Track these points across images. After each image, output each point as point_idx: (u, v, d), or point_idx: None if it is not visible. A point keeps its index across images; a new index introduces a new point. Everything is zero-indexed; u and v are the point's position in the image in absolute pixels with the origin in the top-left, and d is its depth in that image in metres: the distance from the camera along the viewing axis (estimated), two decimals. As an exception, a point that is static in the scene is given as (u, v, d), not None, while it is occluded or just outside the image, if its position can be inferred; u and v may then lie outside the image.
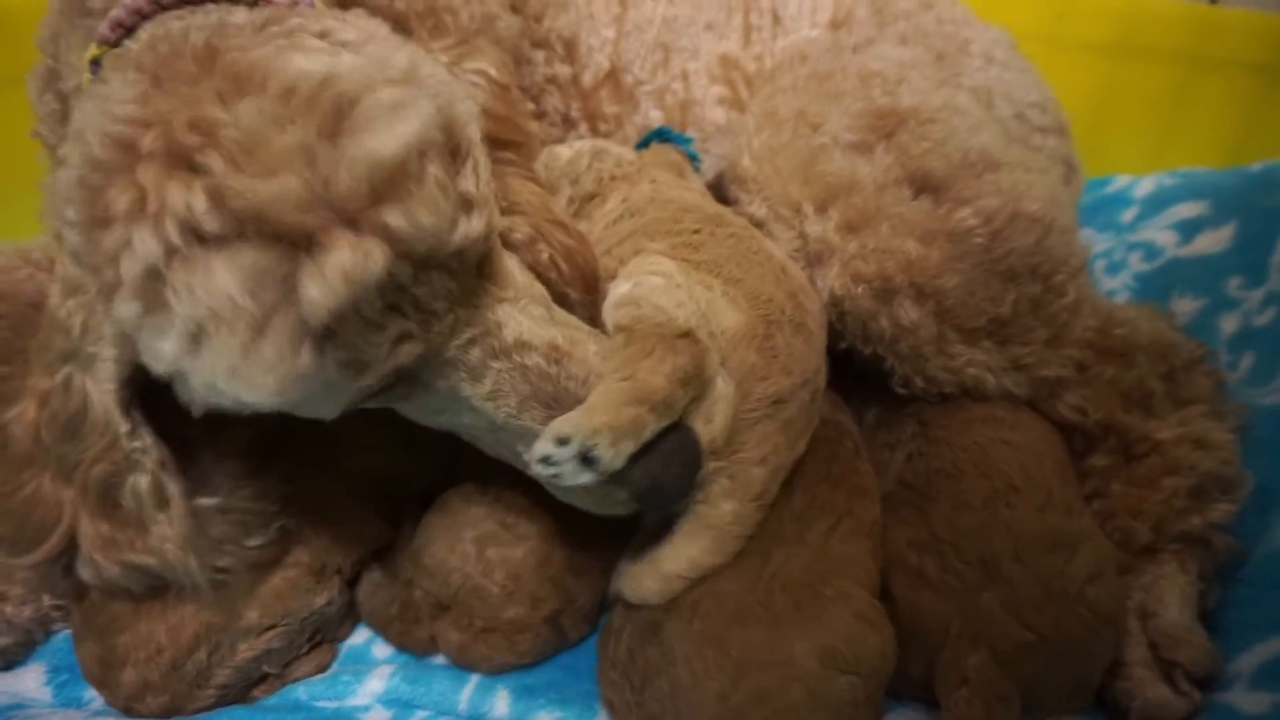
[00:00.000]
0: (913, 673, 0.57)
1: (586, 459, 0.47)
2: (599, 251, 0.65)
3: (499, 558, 0.61)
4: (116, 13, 0.52)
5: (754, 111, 0.75)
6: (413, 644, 0.65)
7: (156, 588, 0.58)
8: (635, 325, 0.52)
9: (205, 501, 0.56)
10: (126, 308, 0.40)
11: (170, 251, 0.38)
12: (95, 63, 0.54)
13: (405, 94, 0.40)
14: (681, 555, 0.55)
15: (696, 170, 0.81)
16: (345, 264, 0.38)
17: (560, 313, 0.55)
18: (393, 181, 0.39)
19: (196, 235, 0.38)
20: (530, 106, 0.87)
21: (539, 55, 0.88)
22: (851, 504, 0.60)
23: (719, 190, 0.83)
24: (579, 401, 0.49)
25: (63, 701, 0.63)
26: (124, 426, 0.50)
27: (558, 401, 0.50)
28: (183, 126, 0.38)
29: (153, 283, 0.39)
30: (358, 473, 0.67)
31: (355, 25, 0.46)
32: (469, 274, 0.46)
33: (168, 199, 0.38)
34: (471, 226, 0.43)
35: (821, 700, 0.51)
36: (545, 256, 0.59)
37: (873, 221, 0.64)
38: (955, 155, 0.66)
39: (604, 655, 0.60)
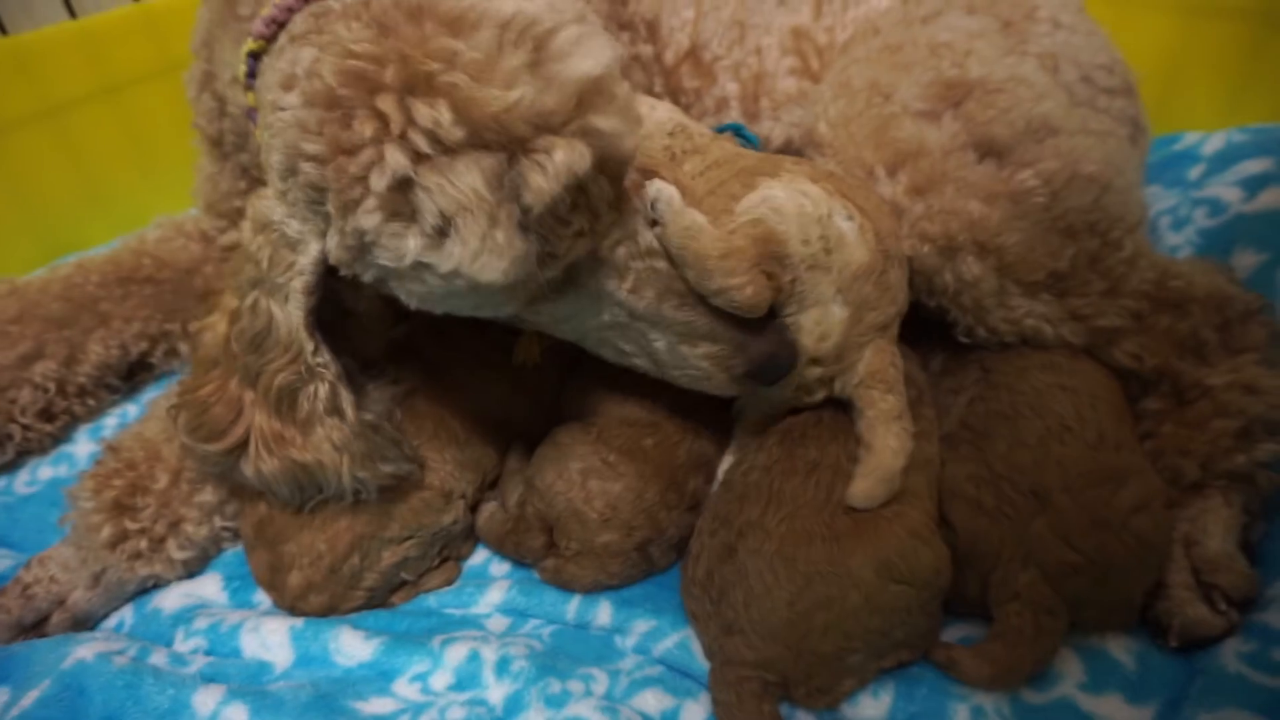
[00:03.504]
0: (970, 591, 0.64)
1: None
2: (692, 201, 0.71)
3: (599, 489, 0.69)
4: (268, 12, 0.60)
5: (830, 82, 0.80)
6: (526, 553, 0.73)
7: (301, 496, 0.67)
8: (760, 230, 0.60)
9: (367, 416, 0.65)
10: (369, 219, 0.48)
11: (419, 159, 0.46)
12: (253, 56, 0.62)
13: (588, 29, 0.49)
14: (886, 448, 0.61)
15: None
16: (564, 160, 0.47)
17: None
18: (596, 95, 0.48)
19: (441, 144, 0.46)
20: None
21: (624, 36, 0.94)
22: None
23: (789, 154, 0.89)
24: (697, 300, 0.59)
25: (237, 603, 0.75)
26: (310, 345, 0.60)
27: (686, 294, 0.59)
28: (422, 57, 0.46)
29: (399, 191, 0.47)
30: (476, 413, 0.76)
31: None
32: (618, 183, 0.55)
33: (415, 116, 0.45)
34: (637, 137, 0.52)
35: (876, 605, 0.58)
36: None
37: (939, 184, 0.69)
38: (1019, 122, 0.70)
39: (685, 576, 0.68)
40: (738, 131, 0.88)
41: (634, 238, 0.58)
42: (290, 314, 0.59)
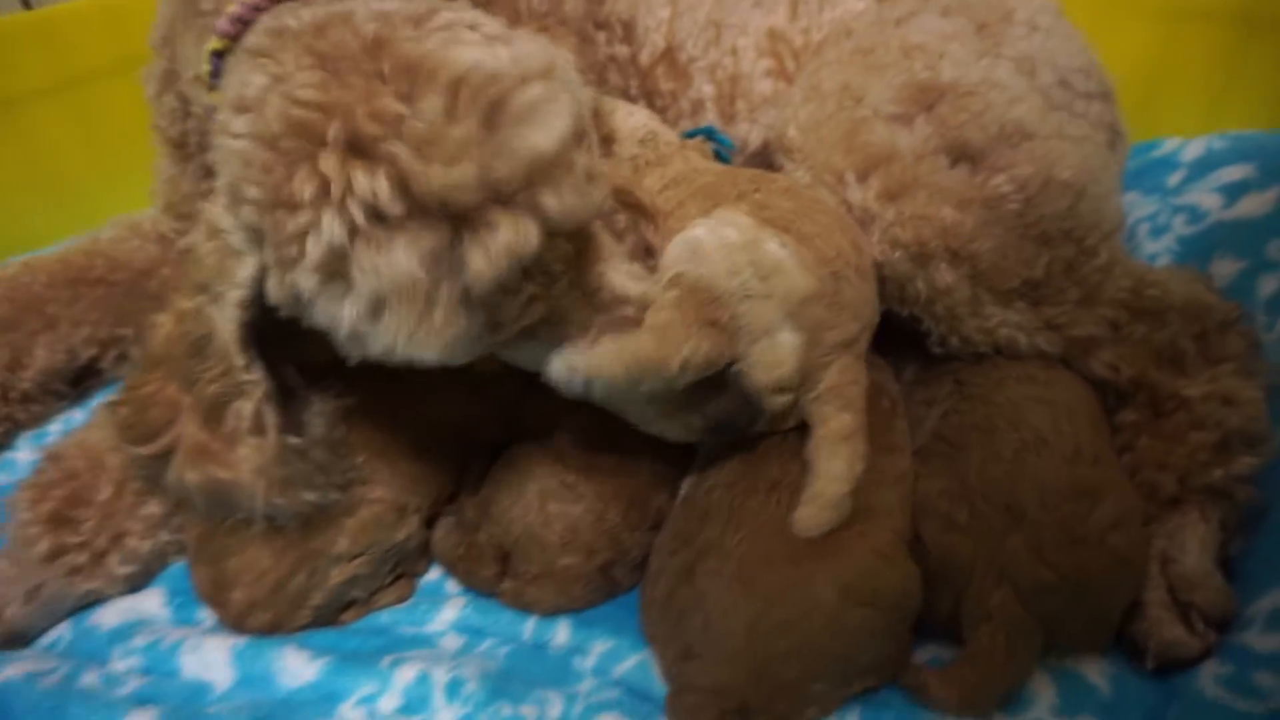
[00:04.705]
0: (941, 611, 0.61)
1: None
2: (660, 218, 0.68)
3: (559, 512, 0.66)
4: (234, 9, 0.57)
5: (800, 85, 0.78)
6: (478, 583, 0.71)
7: (217, 512, 0.63)
8: (680, 289, 0.57)
9: (292, 440, 0.62)
10: (306, 279, 0.46)
11: (354, 232, 0.43)
12: (217, 54, 0.59)
13: (551, 89, 0.46)
14: (828, 473, 0.58)
15: (726, 162, 0.85)
16: (507, 240, 0.44)
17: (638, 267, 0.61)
18: (549, 170, 0.45)
19: (379, 217, 0.43)
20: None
21: (600, 36, 0.92)
22: (878, 459, 0.63)
23: (765, 159, 0.87)
24: None
25: (179, 620, 0.71)
26: (240, 360, 0.57)
27: None
28: (365, 117, 0.43)
29: (335, 260, 0.44)
30: (433, 423, 0.73)
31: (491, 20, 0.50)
32: (580, 239, 0.52)
33: (354, 184, 0.43)
34: (597, 198, 0.49)
35: (840, 630, 0.55)
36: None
37: (911, 189, 0.67)
38: (993, 127, 0.68)
39: (645, 597, 0.66)
40: (710, 135, 0.86)
41: (597, 291, 0.54)
42: (225, 325, 0.56)
